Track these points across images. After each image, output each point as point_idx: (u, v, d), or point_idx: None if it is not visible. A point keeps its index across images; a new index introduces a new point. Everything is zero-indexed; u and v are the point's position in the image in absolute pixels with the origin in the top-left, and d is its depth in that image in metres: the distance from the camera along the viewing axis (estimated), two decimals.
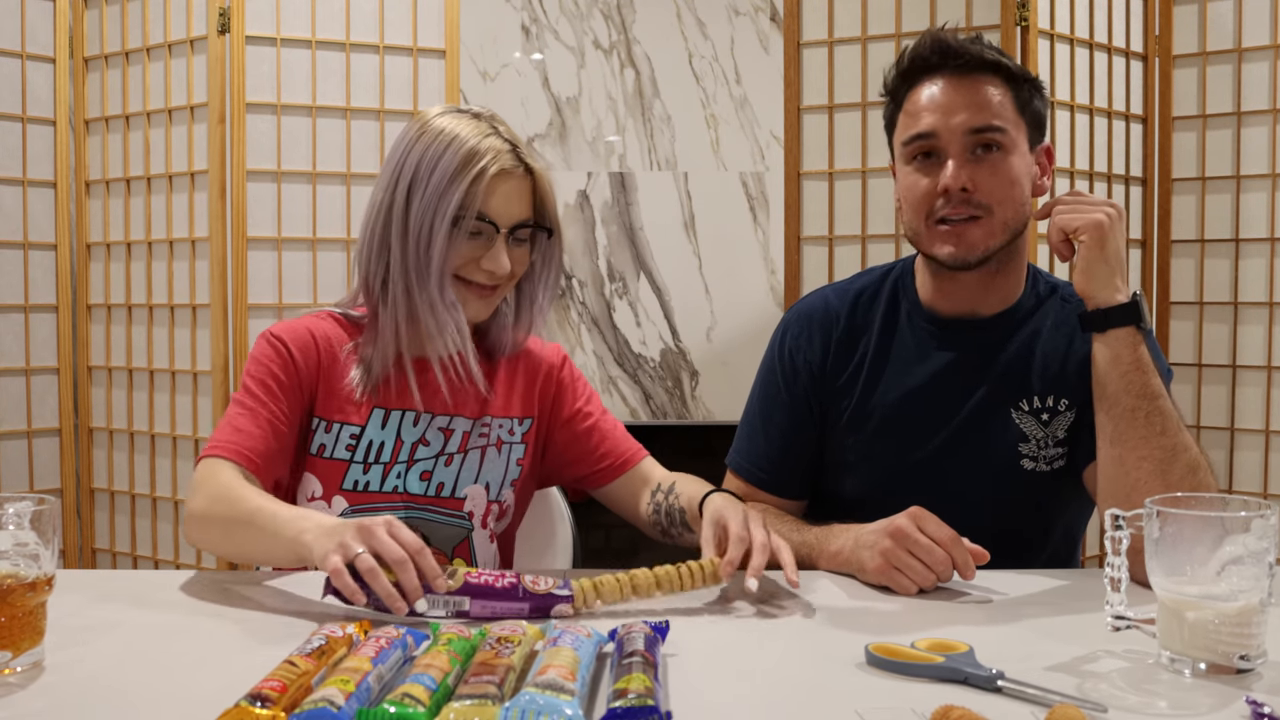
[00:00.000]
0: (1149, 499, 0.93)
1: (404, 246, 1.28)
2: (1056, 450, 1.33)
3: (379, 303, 1.32)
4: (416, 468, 1.33)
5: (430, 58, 2.60)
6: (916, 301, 1.40)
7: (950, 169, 1.28)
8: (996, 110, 1.29)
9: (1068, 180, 2.40)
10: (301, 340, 1.33)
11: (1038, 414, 1.33)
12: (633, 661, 0.84)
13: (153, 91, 2.58)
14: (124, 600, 1.15)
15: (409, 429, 1.33)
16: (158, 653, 0.99)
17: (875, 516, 1.37)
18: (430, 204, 1.26)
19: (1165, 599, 0.91)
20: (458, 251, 1.27)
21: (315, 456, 1.32)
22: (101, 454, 2.71)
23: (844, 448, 1.39)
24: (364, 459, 1.32)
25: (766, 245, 3.12)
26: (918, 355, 1.37)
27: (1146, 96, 2.54)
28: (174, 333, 2.58)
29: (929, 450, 1.35)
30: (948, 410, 1.35)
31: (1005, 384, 1.34)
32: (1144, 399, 1.18)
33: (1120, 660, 0.94)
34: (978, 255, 1.30)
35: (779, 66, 2.64)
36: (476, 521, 1.35)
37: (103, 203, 2.67)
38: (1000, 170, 1.28)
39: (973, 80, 1.30)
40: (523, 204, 1.30)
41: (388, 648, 0.88)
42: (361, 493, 1.31)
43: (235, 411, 1.28)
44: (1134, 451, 1.18)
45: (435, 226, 1.26)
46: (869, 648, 0.93)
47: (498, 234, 1.28)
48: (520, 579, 1.08)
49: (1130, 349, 1.20)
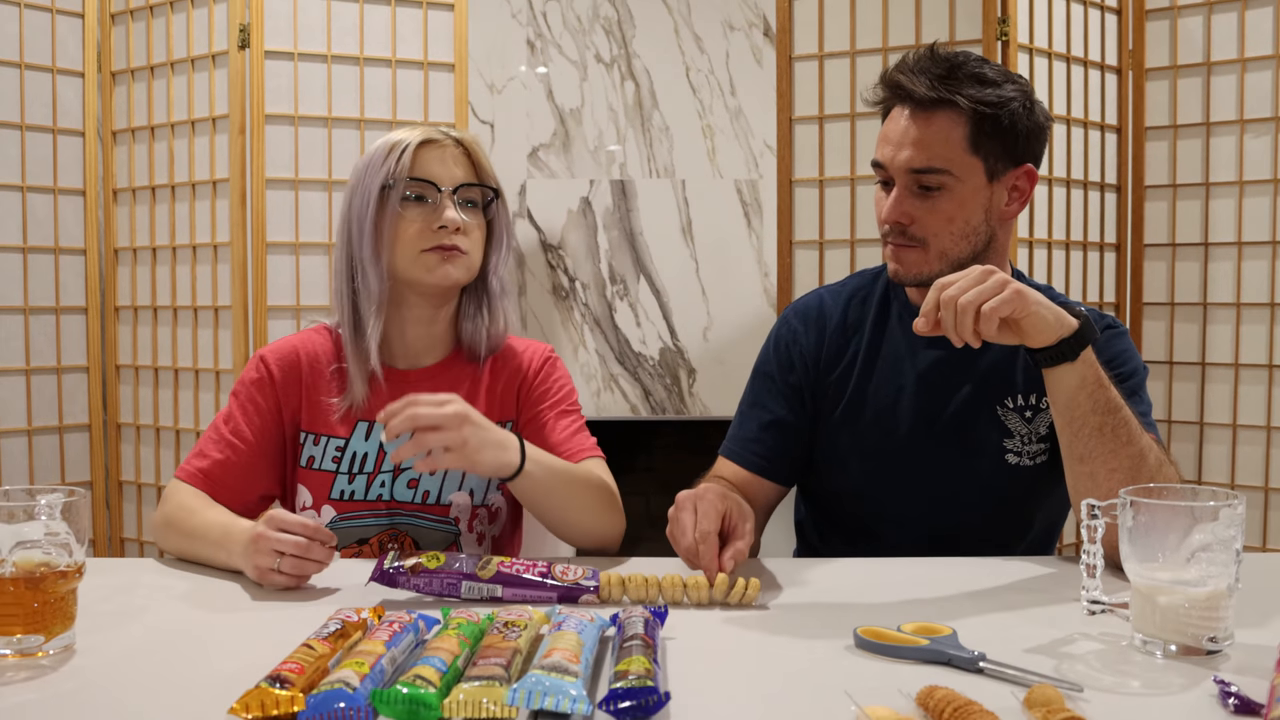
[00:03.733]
0: (1123, 489, 0.93)
1: (347, 248, 1.32)
2: (1039, 446, 1.33)
3: (349, 322, 1.33)
4: (404, 476, 1.34)
5: (440, 71, 2.60)
6: (906, 302, 1.40)
7: (889, 203, 1.29)
8: (940, 151, 1.26)
9: (1045, 187, 2.40)
10: (286, 360, 1.36)
11: (1021, 411, 1.33)
12: (633, 644, 0.84)
13: (176, 104, 2.57)
14: (150, 587, 1.16)
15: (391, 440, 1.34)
16: (182, 637, 0.99)
17: (869, 510, 1.38)
18: (364, 193, 1.30)
19: (1138, 584, 0.91)
20: (407, 224, 1.29)
21: (305, 469, 1.34)
22: (129, 448, 2.71)
23: (836, 443, 1.39)
24: (349, 470, 1.33)
25: (760, 249, 3.12)
26: (908, 353, 1.37)
27: (1121, 107, 2.54)
28: (197, 333, 2.58)
29: (918, 445, 1.35)
30: (936, 407, 1.35)
31: (990, 382, 1.34)
32: (1110, 413, 1.13)
33: (1096, 643, 0.94)
34: (913, 277, 1.31)
35: (772, 79, 2.64)
36: (463, 526, 1.35)
37: (129, 210, 2.67)
38: (938, 208, 1.27)
39: (927, 116, 1.26)
40: (460, 168, 1.33)
41: (400, 631, 0.88)
42: (348, 501, 1.33)
43: (207, 435, 1.34)
44: (1105, 465, 1.14)
45: (367, 204, 1.30)
46: (857, 631, 0.93)
47: (440, 192, 1.30)
48: (551, 569, 1.08)
49: (1094, 368, 1.14)
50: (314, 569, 1.11)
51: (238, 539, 1.15)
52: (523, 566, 1.08)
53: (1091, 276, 2.52)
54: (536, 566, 1.08)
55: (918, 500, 1.34)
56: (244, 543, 1.13)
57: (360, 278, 1.31)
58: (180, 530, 1.24)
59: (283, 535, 1.10)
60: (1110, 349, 1.30)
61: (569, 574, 1.08)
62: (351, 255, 1.32)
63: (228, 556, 1.17)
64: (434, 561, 1.07)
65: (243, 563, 1.13)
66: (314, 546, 1.10)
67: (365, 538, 1.33)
